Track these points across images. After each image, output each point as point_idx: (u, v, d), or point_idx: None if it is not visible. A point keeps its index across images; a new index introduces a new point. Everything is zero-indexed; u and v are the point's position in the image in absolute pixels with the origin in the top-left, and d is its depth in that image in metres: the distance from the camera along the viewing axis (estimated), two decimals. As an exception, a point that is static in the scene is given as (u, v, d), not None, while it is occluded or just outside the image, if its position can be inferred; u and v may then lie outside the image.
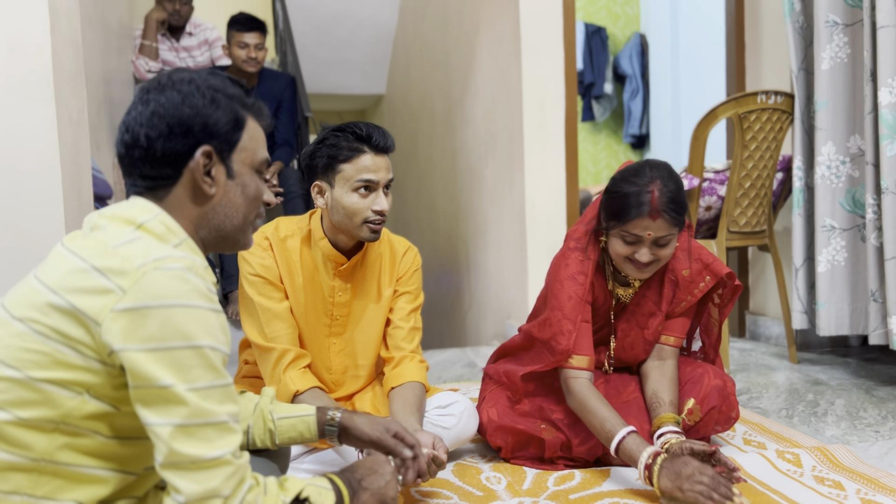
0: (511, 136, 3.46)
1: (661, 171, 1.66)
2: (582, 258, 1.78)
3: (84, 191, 2.19)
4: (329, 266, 1.80)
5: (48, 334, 0.91)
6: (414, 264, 1.89)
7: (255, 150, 1.07)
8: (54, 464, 0.93)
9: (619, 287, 1.84)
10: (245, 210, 1.08)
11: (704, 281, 1.81)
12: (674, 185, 1.65)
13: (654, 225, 1.63)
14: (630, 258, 1.69)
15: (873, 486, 1.60)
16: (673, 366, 1.83)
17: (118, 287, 0.89)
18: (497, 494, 1.64)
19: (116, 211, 1.00)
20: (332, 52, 6.42)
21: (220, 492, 0.90)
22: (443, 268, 4.96)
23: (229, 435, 0.93)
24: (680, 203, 1.64)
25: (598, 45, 6.49)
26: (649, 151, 6.58)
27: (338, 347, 1.86)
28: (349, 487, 1.11)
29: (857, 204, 2.62)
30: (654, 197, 1.62)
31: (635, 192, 1.64)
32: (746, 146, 2.73)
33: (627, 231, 1.66)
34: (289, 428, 1.29)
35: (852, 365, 2.84)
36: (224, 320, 0.96)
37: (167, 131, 0.99)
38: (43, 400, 0.91)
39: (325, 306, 1.82)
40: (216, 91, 1.03)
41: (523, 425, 1.78)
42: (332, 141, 1.70)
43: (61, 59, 2.02)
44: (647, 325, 1.85)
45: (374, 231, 1.72)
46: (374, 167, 1.69)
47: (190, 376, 0.90)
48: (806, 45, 2.78)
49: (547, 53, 3.28)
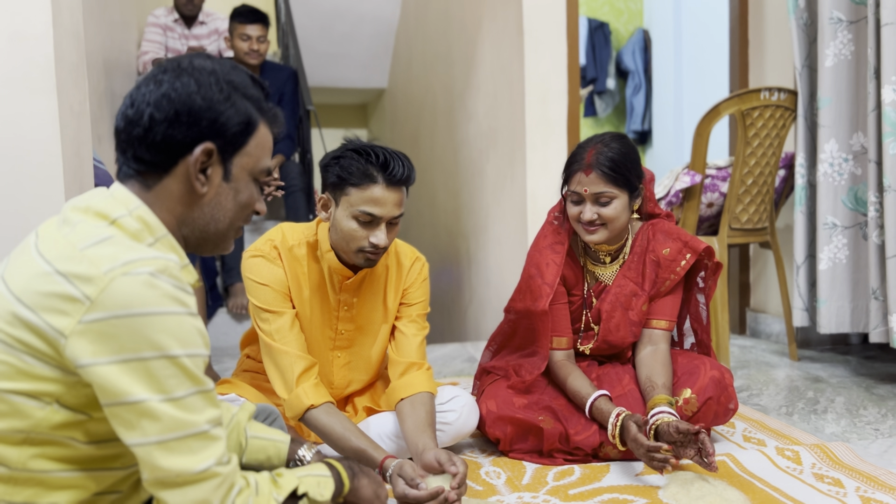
0: (513, 132, 3.45)
1: (606, 137, 1.81)
2: (559, 229, 1.90)
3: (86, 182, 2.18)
4: (335, 279, 1.75)
5: (13, 344, 0.87)
6: (421, 275, 1.84)
7: (259, 157, 1.02)
8: (30, 472, 0.90)
9: (594, 265, 1.91)
10: (233, 216, 1.02)
11: (685, 258, 1.86)
12: (616, 146, 1.77)
13: (588, 180, 1.76)
14: (578, 219, 1.81)
15: (873, 484, 1.60)
16: (665, 350, 1.86)
17: (84, 296, 0.84)
18: (497, 489, 1.64)
19: (91, 203, 0.95)
20: (334, 45, 6.40)
21: (209, 502, 0.88)
22: (443, 263, 4.96)
23: (212, 444, 0.89)
24: (617, 162, 1.75)
25: (601, 40, 6.48)
26: (651, 147, 6.57)
27: (342, 361, 1.83)
28: (349, 470, 1.10)
29: (860, 202, 2.62)
30: (590, 154, 1.77)
31: (577, 153, 1.81)
32: (749, 143, 2.73)
33: (571, 190, 1.81)
34: (258, 450, 1.23)
35: (852, 363, 2.84)
36: (200, 323, 0.91)
37: (173, 117, 0.94)
38: (10, 411, 0.88)
39: (331, 320, 1.78)
40: (235, 88, 0.98)
41: (522, 415, 1.79)
42: (346, 162, 1.60)
43: (63, 50, 2.02)
44: (631, 305, 1.88)
45: (368, 260, 1.66)
46: (382, 201, 1.59)
47: (165, 387, 0.86)
48: (810, 42, 2.78)
49: (550, 48, 3.27)
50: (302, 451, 1.25)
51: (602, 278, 1.91)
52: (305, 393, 1.63)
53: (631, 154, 1.79)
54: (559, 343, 1.89)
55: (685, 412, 1.79)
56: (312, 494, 1.01)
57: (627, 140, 1.82)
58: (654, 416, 1.65)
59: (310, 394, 1.63)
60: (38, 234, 0.94)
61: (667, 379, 1.78)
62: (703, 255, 1.87)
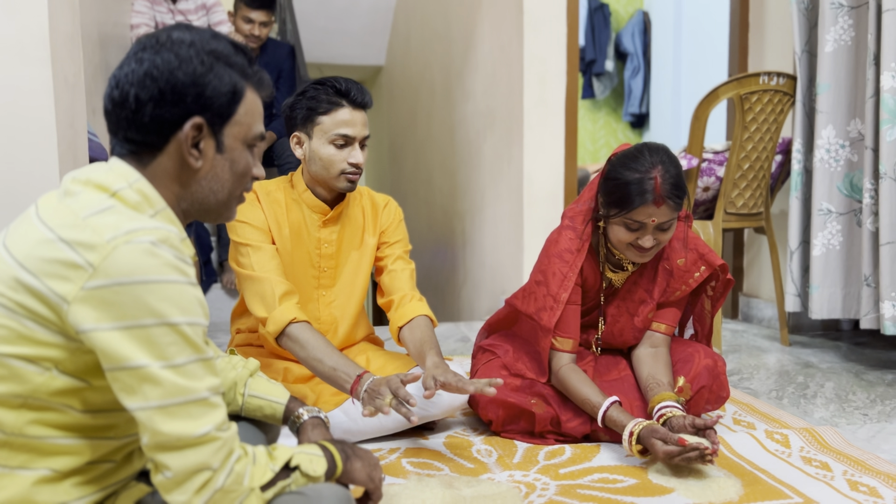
0: (511, 112, 3.43)
1: (662, 156, 1.65)
2: (573, 237, 1.79)
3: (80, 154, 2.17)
4: (315, 219, 1.86)
5: (14, 309, 0.88)
6: (397, 215, 1.97)
7: (250, 124, 1.01)
8: (25, 437, 0.91)
9: (611, 271, 1.85)
10: (231, 185, 1.02)
11: (699, 271, 1.82)
12: (674, 170, 1.64)
13: (659, 212, 1.62)
14: (633, 244, 1.69)
15: (860, 468, 1.62)
16: (665, 353, 1.85)
17: (87, 263, 0.85)
18: (488, 467, 1.65)
19: (91, 175, 0.95)
20: (332, 20, 6.34)
21: (209, 464, 0.89)
22: (438, 243, 4.96)
23: (212, 410, 0.90)
24: (682, 188, 1.64)
25: (600, 21, 6.44)
26: (648, 131, 6.56)
27: (327, 299, 1.91)
28: (342, 453, 1.11)
29: (855, 188, 2.62)
30: (658, 184, 1.60)
31: (637, 180, 1.62)
32: (747, 127, 2.72)
33: (631, 219, 1.64)
34: (255, 409, 1.29)
35: (843, 348, 2.86)
36: (199, 292, 0.92)
37: (158, 96, 0.93)
38: (9, 375, 0.89)
39: (312, 258, 1.88)
40: (217, 58, 0.96)
41: (515, 398, 1.79)
42: (312, 94, 1.76)
43: (58, 20, 2.00)
44: (638, 311, 1.86)
45: (350, 181, 1.79)
46: (352, 122, 1.76)
47: (165, 354, 0.87)
48: (810, 27, 2.76)
49: (549, 29, 3.25)
50: (300, 410, 1.29)
51: (613, 281, 1.86)
52: (288, 309, 1.71)
53: (681, 169, 1.68)
54: (563, 345, 1.79)
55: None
56: (304, 468, 1.01)
57: (672, 154, 1.69)
58: (663, 408, 1.65)
59: (293, 310, 1.71)
60: (38, 206, 0.95)
61: (670, 379, 1.77)
62: (717, 270, 1.83)
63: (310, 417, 1.29)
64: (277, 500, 0.98)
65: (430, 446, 1.78)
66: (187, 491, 0.89)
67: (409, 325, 1.83)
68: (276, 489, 0.98)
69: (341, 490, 1.04)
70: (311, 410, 1.30)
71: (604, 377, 1.86)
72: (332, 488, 1.03)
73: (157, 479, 0.91)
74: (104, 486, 0.98)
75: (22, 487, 0.91)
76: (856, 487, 1.52)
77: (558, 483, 1.56)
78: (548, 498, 1.48)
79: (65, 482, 0.94)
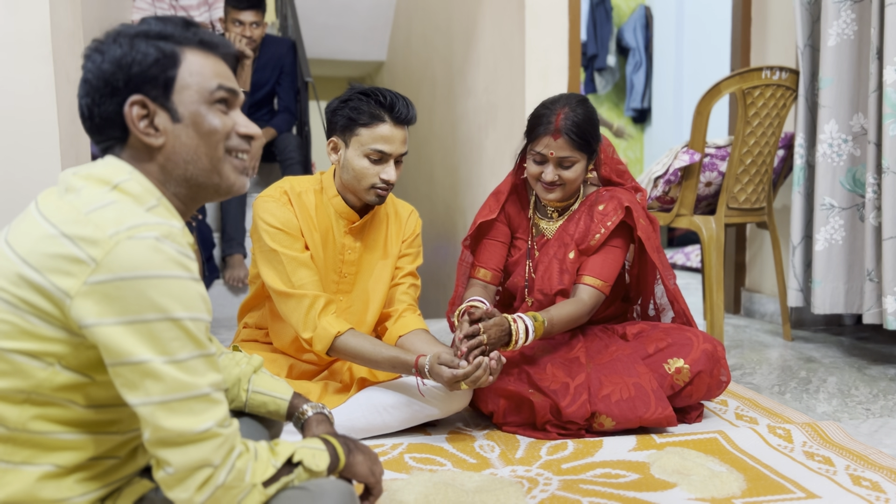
0: (512, 107, 3.43)
1: (572, 100, 1.86)
2: (508, 179, 2.03)
3: (81, 150, 2.17)
4: (341, 223, 1.85)
5: (17, 304, 0.88)
6: (417, 228, 1.98)
7: (200, 83, 0.98)
8: (29, 433, 0.91)
9: (541, 219, 2.00)
10: (206, 149, 0.99)
11: (616, 214, 1.91)
12: (582, 112, 1.84)
13: (556, 144, 1.83)
14: (538, 178, 1.88)
15: (863, 463, 1.62)
16: (584, 301, 1.88)
17: (90, 258, 0.86)
18: (490, 462, 1.65)
19: (92, 170, 0.95)
20: (333, 16, 6.33)
21: (210, 461, 0.89)
22: (440, 238, 4.95)
23: (214, 406, 0.90)
24: (583, 129, 1.82)
25: (602, 16, 6.42)
26: (650, 125, 6.55)
27: (344, 304, 1.90)
28: (344, 447, 1.11)
29: (858, 183, 2.62)
30: (559, 118, 1.82)
31: (543, 114, 1.86)
32: (749, 122, 2.72)
33: (535, 150, 1.86)
34: (259, 405, 1.28)
35: (845, 343, 2.86)
36: (202, 288, 0.92)
37: (97, 95, 0.96)
38: (12, 371, 0.89)
39: (336, 263, 1.87)
40: (137, 36, 0.96)
41: (514, 387, 1.81)
42: (356, 104, 1.73)
43: (59, 17, 2.00)
44: (560, 254, 1.95)
45: (380, 196, 1.78)
46: (391, 138, 1.73)
47: (168, 349, 0.87)
48: (813, 21, 2.76)
49: (551, 24, 3.24)
50: (304, 406, 1.29)
51: (546, 232, 1.99)
52: (330, 324, 1.73)
53: (594, 119, 1.87)
54: (484, 275, 2.01)
55: (677, 382, 1.81)
56: (307, 463, 1.02)
57: (590, 104, 1.89)
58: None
59: (333, 324, 1.74)
60: (38, 202, 0.95)
61: (556, 312, 1.83)
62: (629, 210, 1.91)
63: (314, 413, 1.29)
64: (280, 494, 0.98)
65: (432, 442, 1.78)
66: (189, 488, 0.89)
67: (409, 335, 1.86)
68: (279, 484, 0.98)
69: (344, 484, 1.04)
70: (316, 406, 1.30)
71: (596, 359, 1.87)
72: (334, 483, 1.03)
73: (158, 476, 0.91)
74: (108, 482, 0.99)
75: (26, 483, 0.91)
76: (858, 482, 1.52)
77: (561, 478, 1.56)
78: (550, 493, 1.48)
79: (69, 478, 0.94)
